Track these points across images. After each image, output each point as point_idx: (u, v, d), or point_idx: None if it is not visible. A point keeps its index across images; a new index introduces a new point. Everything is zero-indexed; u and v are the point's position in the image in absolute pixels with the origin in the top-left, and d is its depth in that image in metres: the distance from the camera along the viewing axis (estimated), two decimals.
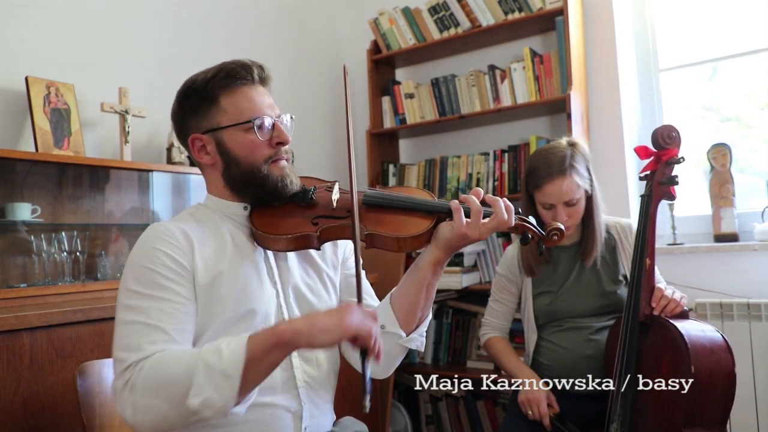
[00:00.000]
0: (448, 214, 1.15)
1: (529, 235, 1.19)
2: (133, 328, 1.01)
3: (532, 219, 1.20)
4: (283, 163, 1.19)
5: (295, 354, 1.15)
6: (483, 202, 1.14)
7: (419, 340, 1.22)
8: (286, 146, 1.19)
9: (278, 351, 0.96)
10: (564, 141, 1.79)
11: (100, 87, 2.21)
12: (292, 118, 1.24)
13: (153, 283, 1.05)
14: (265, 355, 0.95)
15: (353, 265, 1.32)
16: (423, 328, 1.22)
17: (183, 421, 0.95)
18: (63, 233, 1.97)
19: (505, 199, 1.13)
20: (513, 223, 1.14)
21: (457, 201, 1.13)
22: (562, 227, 1.19)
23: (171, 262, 1.07)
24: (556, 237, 1.19)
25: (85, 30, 2.22)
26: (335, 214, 1.18)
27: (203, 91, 1.16)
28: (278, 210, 1.20)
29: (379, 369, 1.23)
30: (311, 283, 1.24)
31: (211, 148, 1.18)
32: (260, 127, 1.15)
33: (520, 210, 1.19)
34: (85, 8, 2.22)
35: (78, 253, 2.01)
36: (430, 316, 1.24)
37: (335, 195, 1.20)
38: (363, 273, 1.34)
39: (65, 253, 1.97)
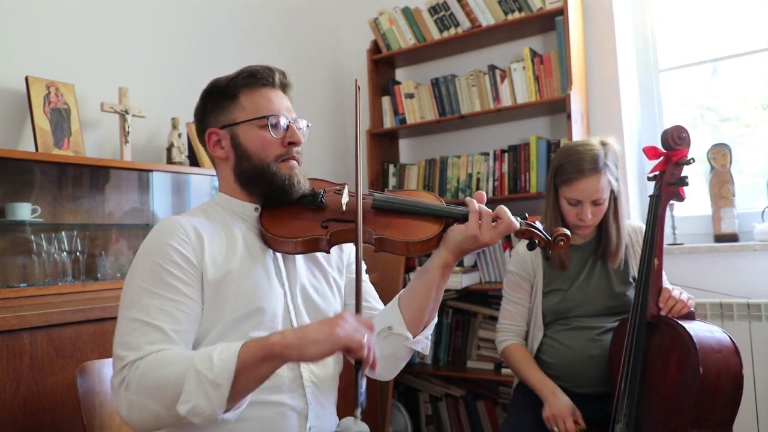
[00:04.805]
0: (456, 219, 1.17)
1: (536, 240, 1.20)
2: (134, 326, 1.02)
3: (538, 224, 1.21)
4: (293, 163, 1.20)
5: None
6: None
7: (425, 342, 1.23)
8: (298, 147, 1.21)
9: (269, 363, 0.96)
10: (596, 140, 1.79)
11: (100, 87, 2.21)
12: (308, 126, 1.27)
13: (159, 279, 1.06)
14: (256, 367, 0.95)
15: None
16: (429, 331, 1.23)
17: (174, 423, 0.97)
18: (63, 233, 1.96)
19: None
20: (519, 226, 1.16)
21: (475, 204, 1.15)
22: (569, 233, 1.21)
23: (180, 258, 1.08)
24: (562, 243, 1.20)
25: (85, 30, 2.22)
26: (345, 218, 1.18)
27: (225, 89, 1.21)
28: (288, 212, 1.21)
29: (384, 371, 1.24)
30: (318, 285, 1.25)
31: (226, 142, 1.20)
32: (275, 125, 1.18)
33: (526, 215, 1.22)
34: (85, 8, 2.22)
35: (78, 253, 2.00)
36: (436, 319, 1.25)
37: (345, 198, 1.20)
38: (366, 277, 1.35)
39: (65, 253, 1.96)
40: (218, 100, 1.22)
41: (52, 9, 2.13)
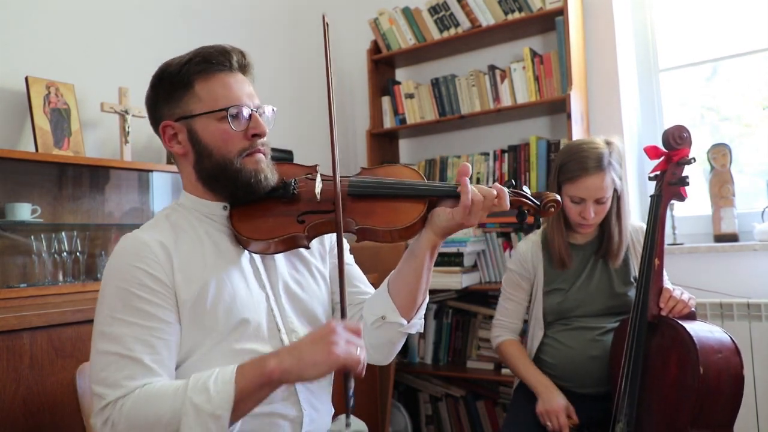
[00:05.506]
0: (440, 197, 1.10)
1: (525, 210, 1.14)
2: (109, 360, 0.98)
3: (526, 189, 1.15)
4: (259, 156, 1.11)
5: None
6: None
7: (419, 324, 1.19)
8: (263, 139, 1.12)
9: (267, 388, 0.95)
10: (600, 139, 1.79)
11: (100, 87, 2.21)
12: (273, 110, 1.17)
13: (129, 306, 1.00)
14: (254, 393, 0.94)
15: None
16: (422, 312, 1.19)
17: None
18: (63, 233, 1.96)
19: (497, 183, 1.10)
20: (508, 206, 1.09)
21: (468, 197, 1.06)
22: (559, 199, 1.16)
23: (149, 280, 1.02)
24: (552, 209, 1.15)
25: (85, 30, 2.22)
26: (321, 208, 1.10)
27: (177, 76, 1.09)
28: (259, 209, 1.12)
29: (380, 356, 1.21)
30: (301, 279, 1.20)
31: (183, 137, 1.10)
32: (235, 116, 1.08)
33: (513, 182, 1.16)
34: (85, 8, 2.22)
35: (78, 253, 2.00)
36: (428, 297, 1.20)
37: (318, 186, 1.12)
38: (352, 259, 1.30)
39: (65, 253, 1.96)
40: (170, 88, 1.10)
41: (53, 9, 2.13)
